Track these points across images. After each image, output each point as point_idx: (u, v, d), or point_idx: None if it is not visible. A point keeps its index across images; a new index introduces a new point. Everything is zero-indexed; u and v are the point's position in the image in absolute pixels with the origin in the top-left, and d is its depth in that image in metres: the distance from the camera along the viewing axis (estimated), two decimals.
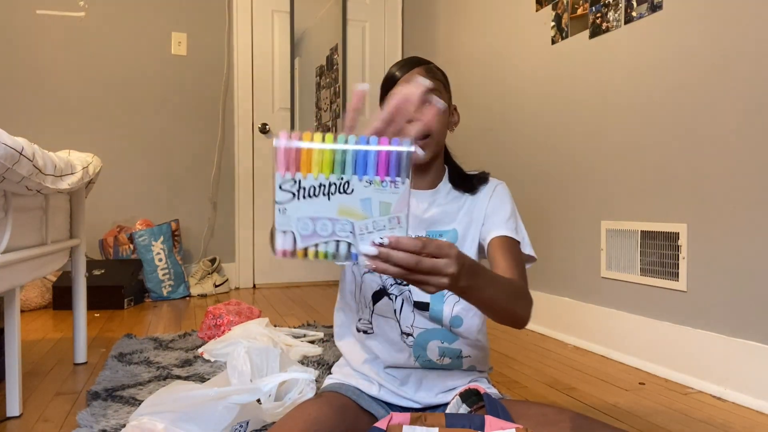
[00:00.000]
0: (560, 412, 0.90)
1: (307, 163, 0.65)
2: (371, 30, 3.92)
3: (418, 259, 0.65)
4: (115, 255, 3.19)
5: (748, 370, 1.51)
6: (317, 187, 0.65)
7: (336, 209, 0.65)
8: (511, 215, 1.06)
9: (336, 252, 0.66)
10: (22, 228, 1.34)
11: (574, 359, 1.95)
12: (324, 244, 0.66)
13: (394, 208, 0.66)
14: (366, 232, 0.65)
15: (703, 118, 1.66)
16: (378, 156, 0.65)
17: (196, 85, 3.55)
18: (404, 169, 0.66)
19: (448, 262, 0.67)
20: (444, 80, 1.08)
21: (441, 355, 1.03)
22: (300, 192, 0.66)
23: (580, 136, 2.17)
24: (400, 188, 0.65)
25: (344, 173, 0.65)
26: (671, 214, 1.76)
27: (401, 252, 0.64)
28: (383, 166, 0.65)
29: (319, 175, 0.65)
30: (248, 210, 3.65)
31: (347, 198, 0.65)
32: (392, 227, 0.66)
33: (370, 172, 0.65)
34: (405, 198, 0.66)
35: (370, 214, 0.65)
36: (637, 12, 1.89)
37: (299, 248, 0.66)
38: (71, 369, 1.79)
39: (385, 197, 0.65)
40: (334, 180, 0.65)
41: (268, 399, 1.23)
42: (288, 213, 0.66)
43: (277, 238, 0.66)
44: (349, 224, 0.65)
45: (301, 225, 0.66)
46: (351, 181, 0.65)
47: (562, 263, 2.27)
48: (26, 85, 3.22)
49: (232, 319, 2.10)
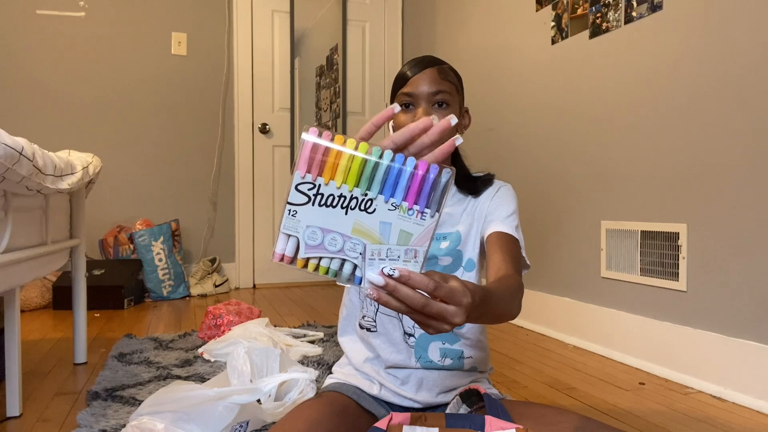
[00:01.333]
0: (560, 413, 0.90)
1: (333, 168, 0.59)
2: (371, 30, 3.92)
3: (426, 302, 0.58)
4: (115, 255, 3.19)
5: (748, 370, 1.51)
6: (337, 197, 0.60)
7: (351, 226, 0.60)
8: (512, 214, 1.04)
9: (339, 271, 0.60)
10: (22, 228, 1.33)
11: (574, 359, 1.95)
12: (329, 259, 0.60)
13: (414, 241, 0.60)
14: (377, 258, 0.60)
15: (703, 118, 1.66)
16: (411, 179, 0.59)
17: (196, 85, 3.55)
18: (435, 202, 0.60)
19: (457, 311, 0.59)
20: (457, 82, 1.06)
21: (442, 356, 1.03)
22: (317, 198, 0.60)
23: (580, 135, 2.17)
24: (426, 221, 0.60)
25: (370, 189, 0.59)
26: (671, 214, 1.76)
27: (410, 289, 0.58)
28: (414, 192, 0.60)
29: (342, 185, 0.59)
30: (248, 210, 3.65)
31: (366, 217, 0.60)
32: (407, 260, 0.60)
33: (398, 196, 0.60)
34: (429, 233, 0.60)
35: (387, 240, 0.60)
36: (637, 12, 1.89)
37: (300, 257, 0.60)
38: (71, 369, 1.79)
39: (407, 226, 0.60)
40: (357, 194, 0.59)
41: (268, 399, 1.23)
42: (298, 217, 0.60)
43: (279, 240, 0.61)
44: (360, 245, 0.60)
45: (309, 233, 0.60)
46: (375, 200, 0.60)
47: (562, 263, 2.27)
48: (26, 85, 3.22)
49: (232, 319, 2.10)
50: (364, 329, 1.08)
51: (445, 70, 1.04)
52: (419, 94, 1.01)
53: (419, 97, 1.01)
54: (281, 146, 3.74)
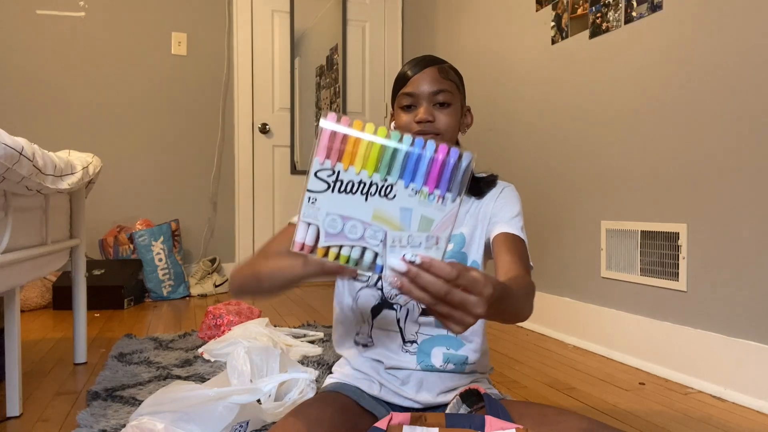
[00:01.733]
0: (560, 413, 0.90)
1: (352, 154, 0.58)
2: (371, 30, 3.92)
3: (449, 289, 0.57)
4: (115, 255, 3.19)
5: (748, 370, 1.51)
6: (356, 183, 0.59)
7: (371, 213, 0.59)
8: (517, 215, 1.03)
9: (360, 259, 0.59)
10: (22, 228, 1.33)
11: (574, 359, 1.95)
12: (349, 247, 0.59)
13: (435, 227, 0.59)
14: (398, 245, 0.59)
15: (703, 118, 1.66)
16: (432, 164, 0.58)
17: (196, 85, 3.55)
18: (457, 186, 0.59)
19: (479, 301, 0.58)
20: (458, 81, 1.05)
21: (445, 361, 1.03)
22: (336, 185, 0.59)
23: (580, 135, 2.17)
24: (448, 206, 0.59)
25: (390, 175, 0.58)
26: (671, 214, 1.76)
27: (432, 276, 0.57)
28: (434, 177, 0.59)
29: (361, 171, 0.58)
30: (248, 210, 3.65)
31: (386, 203, 0.59)
32: (428, 247, 0.59)
33: (418, 181, 0.59)
34: (451, 218, 0.59)
35: (408, 227, 0.59)
36: (637, 12, 1.89)
37: (321, 246, 0.59)
38: (71, 369, 1.79)
39: (428, 212, 0.59)
40: (377, 180, 0.59)
41: (268, 399, 1.23)
42: (318, 204, 0.59)
43: (299, 229, 0.59)
44: (381, 232, 0.59)
45: (329, 221, 0.59)
46: (395, 186, 0.59)
47: (562, 263, 2.27)
48: (26, 85, 3.22)
49: (232, 319, 2.10)
50: (360, 345, 1.07)
51: (445, 69, 1.03)
52: (420, 94, 1.01)
53: (420, 97, 1.01)
54: (281, 146, 3.74)
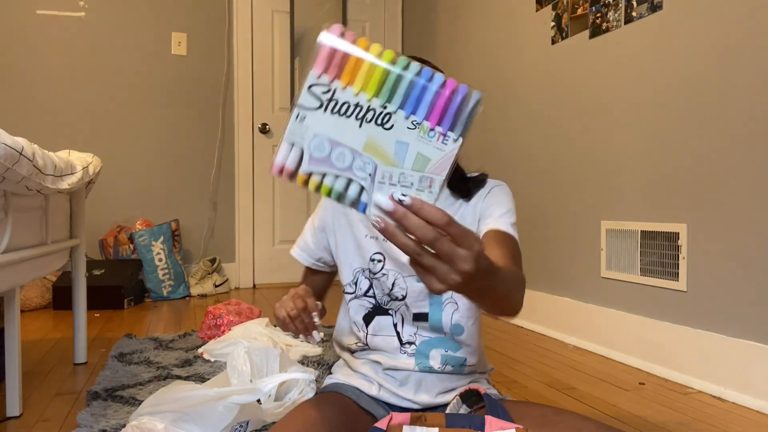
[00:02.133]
0: (560, 413, 0.90)
1: (352, 72, 0.53)
2: (371, 30, 3.92)
3: (437, 236, 0.51)
4: (115, 255, 3.19)
5: (748, 370, 1.51)
6: (352, 105, 0.53)
7: (363, 141, 0.53)
8: (506, 212, 1.01)
9: (343, 192, 0.54)
10: (22, 228, 1.33)
11: (574, 359, 1.95)
12: (333, 177, 0.54)
13: (431, 167, 0.53)
14: (388, 182, 0.53)
15: (703, 118, 1.66)
16: (437, 98, 0.53)
17: (196, 85, 3.55)
18: (461, 124, 0.53)
19: (468, 256, 0.52)
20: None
21: (443, 363, 1.03)
22: (330, 103, 0.53)
23: (580, 136, 2.17)
24: (448, 146, 0.53)
25: (390, 102, 0.53)
26: (671, 214, 1.76)
27: (420, 220, 0.51)
28: (438, 112, 0.53)
29: (360, 93, 0.53)
30: (248, 210, 3.65)
31: (382, 133, 0.53)
32: (420, 189, 0.53)
33: (420, 113, 0.53)
34: (449, 160, 0.53)
35: (401, 163, 0.53)
36: (637, 12, 1.89)
37: (303, 171, 0.54)
38: (71, 369, 1.79)
39: (426, 149, 0.53)
40: (375, 105, 0.53)
41: (268, 399, 1.23)
42: (306, 123, 0.53)
43: (281, 149, 0.54)
44: (371, 164, 0.53)
45: (316, 144, 0.53)
46: (394, 115, 0.53)
47: (562, 263, 2.27)
48: (26, 85, 3.22)
49: (232, 319, 2.10)
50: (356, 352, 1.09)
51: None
52: None
53: None
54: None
